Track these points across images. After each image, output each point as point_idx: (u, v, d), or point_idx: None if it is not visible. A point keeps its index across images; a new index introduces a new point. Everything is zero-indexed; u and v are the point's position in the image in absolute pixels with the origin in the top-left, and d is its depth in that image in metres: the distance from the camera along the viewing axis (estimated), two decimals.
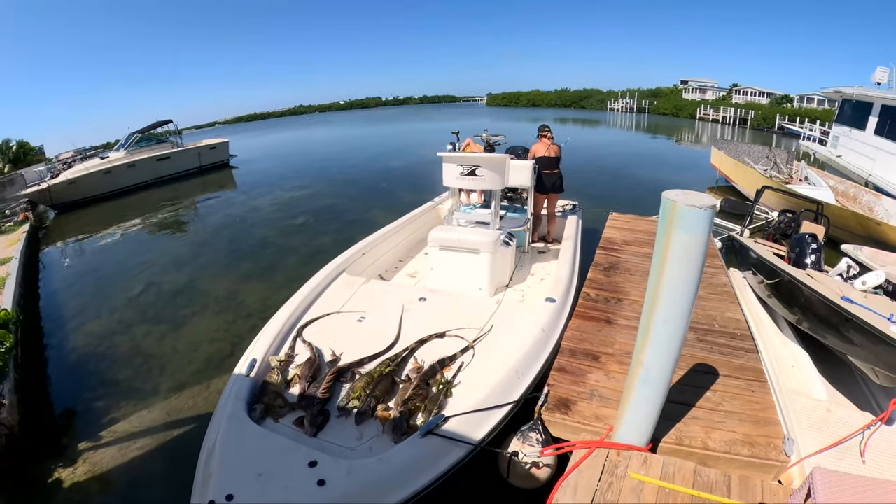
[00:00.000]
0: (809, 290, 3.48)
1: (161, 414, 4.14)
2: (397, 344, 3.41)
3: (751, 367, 3.42)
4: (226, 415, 2.54)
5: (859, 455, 2.66)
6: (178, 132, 19.77)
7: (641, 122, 43.11)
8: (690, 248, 2.04)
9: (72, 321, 6.31)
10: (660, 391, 2.40)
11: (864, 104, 11.55)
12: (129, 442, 3.82)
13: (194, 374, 4.68)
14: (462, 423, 2.49)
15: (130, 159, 16.77)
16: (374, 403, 2.66)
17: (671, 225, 2.03)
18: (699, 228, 2.00)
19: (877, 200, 8.85)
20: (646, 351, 2.33)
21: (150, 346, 5.38)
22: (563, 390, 3.13)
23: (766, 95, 48.39)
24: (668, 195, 2.08)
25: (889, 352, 2.78)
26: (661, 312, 2.21)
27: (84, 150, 20.53)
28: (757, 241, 5.92)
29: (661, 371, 2.34)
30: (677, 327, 2.22)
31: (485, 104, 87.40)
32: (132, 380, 4.73)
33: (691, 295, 2.13)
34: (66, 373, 5.07)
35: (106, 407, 4.30)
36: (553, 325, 3.70)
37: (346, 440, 2.49)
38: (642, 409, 2.49)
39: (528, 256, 5.83)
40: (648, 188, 12.95)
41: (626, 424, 2.58)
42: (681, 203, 1.99)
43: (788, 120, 30.32)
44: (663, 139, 29.72)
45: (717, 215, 9.13)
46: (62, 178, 14.89)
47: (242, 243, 9.31)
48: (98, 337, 5.72)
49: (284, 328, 3.58)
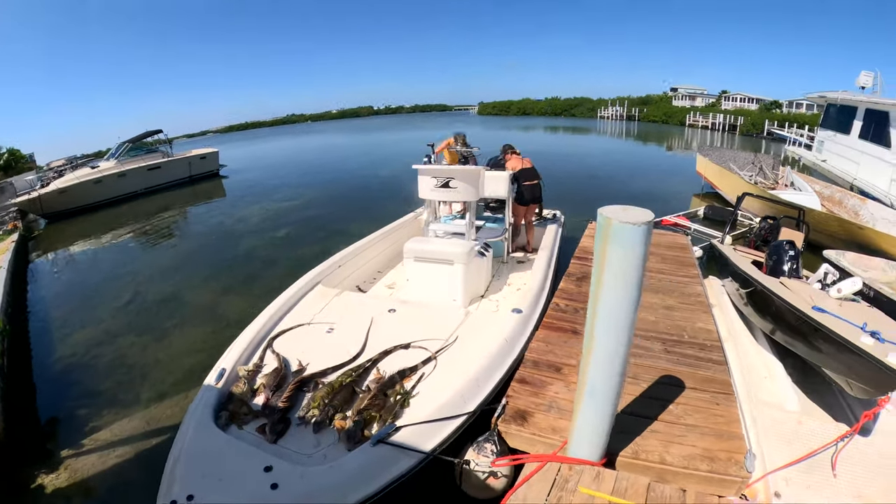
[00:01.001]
0: (780, 300, 3.44)
1: (141, 423, 4.22)
2: (362, 355, 3.48)
3: (718, 380, 3.39)
4: (193, 421, 2.70)
5: (830, 468, 2.61)
6: (168, 141, 19.82)
7: (631, 129, 43.34)
8: (626, 264, 2.05)
9: (58, 331, 6.40)
10: (607, 405, 2.39)
11: (849, 108, 11.60)
12: (110, 450, 3.90)
13: (174, 384, 4.75)
14: (415, 432, 2.58)
15: (121, 169, 16.81)
16: (332, 413, 2.75)
17: (606, 241, 2.06)
18: (634, 244, 2.02)
19: (862, 204, 8.90)
20: (589, 365, 2.33)
21: (134, 356, 5.46)
22: (522, 402, 3.13)
23: (755, 101, 48.74)
24: (604, 211, 2.09)
25: (861, 363, 2.71)
26: (602, 327, 2.23)
27: (75, 158, 20.57)
28: (737, 249, 5.91)
29: (606, 385, 2.34)
30: (619, 342, 2.23)
31: (476, 113, 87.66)
32: (115, 389, 4.82)
33: (630, 310, 2.15)
34: (51, 381, 5.15)
35: (89, 415, 4.39)
36: (517, 335, 3.76)
37: (304, 447, 2.60)
38: (591, 423, 2.49)
39: (506, 266, 5.89)
40: (633, 196, 13.04)
41: (578, 438, 2.57)
42: (615, 219, 2.01)
43: (777, 125, 30.22)
44: (653, 146, 30.02)
45: (700, 222, 9.35)
46: (53, 187, 14.89)
47: (228, 254, 9.39)
48: (83, 346, 5.81)
49: (256, 339, 3.67)
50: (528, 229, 6.52)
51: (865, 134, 10.74)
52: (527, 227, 6.52)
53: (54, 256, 10.91)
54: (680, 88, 59.29)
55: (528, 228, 6.52)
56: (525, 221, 6.47)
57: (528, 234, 6.53)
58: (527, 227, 6.52)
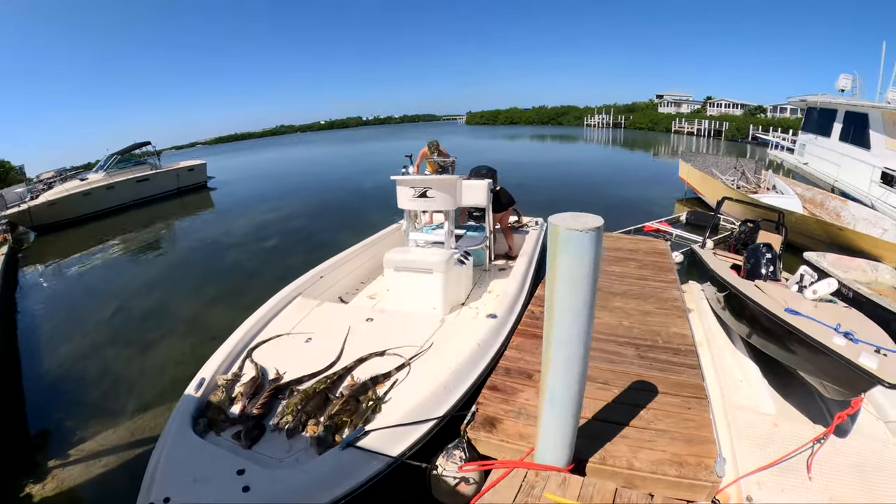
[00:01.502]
0: (754, 304, 3.45)
1: (126, 433, 4.29)
2: (338, 363, 3.55)
3: (690, 384, 3.39)
4: (172, 428, 2.79)
5: (805, 471, 2.61)
6: (156, 153, 19.83)
7: (618, 137, 43.78)
8: (576, 272, 2.05)
9: (47, 343, 6.46)
10: (568, 412, 2.39)
11: (829, 111, 11.70)
12: (95, 459, 3.97)
13: (158, 395, 4.80)
14: (384, 436, 2.65)
15: (109, 181, 16.80)
16: (305, 419, 2.83)
17: (555, 249, 2.06)
18: (583, 251, 2.01)
19: (843, 206, 9.00)
20: (549, 372, 2.34)
21: (119, 368, 5.53)
22: (492, 409, 3.15)
23: (739, 107, 49.37)
24: (553, 219, 2.08)
25: (834, 364, 2.69)
26: (557, 335, 2.23)
27: (64, 170, 20.65)
28: (717, 253, 5.97)
29: (565, 392, 2.33)
30: (575, 348, 2.23)
31: (464, 122, 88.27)
32: (101, 400, 4.89)
33: (585, 317, 2.15)
34: (39, 393, 5.22)
35: (75, 426, 4.45)
36: (491, 340, 3.81)
37: (277, 452, 2.68)
38: (554, 430, 2.49)
39: (488, 274, 5.94)
40: (617, 203, 13.23)
41: (543, 445, 2.57)
42: (562, 227, 1.99)
43: (762, 130, 30.45)
44: (638, 153, 30.38)
45: (682, 228, 9.50)
46: (42, 199, 14.87)
47: (214, 266, 9.46)
48: (71, 359, 5.88)
49: (236, 349, 3.75)
50: (506, 235, 6.56)
51: (846, 136, 10.84)
52: (504, 233, 6.55)
53: (43, 269, 10.90)
54: (665, 95, 59.91)
55: (505, 234, 6.55)
56: (501, 227, 6.49)
57: (507, 240, 6.57)
58: (504, 233, 6.55)
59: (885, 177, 8.81)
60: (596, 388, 3.34)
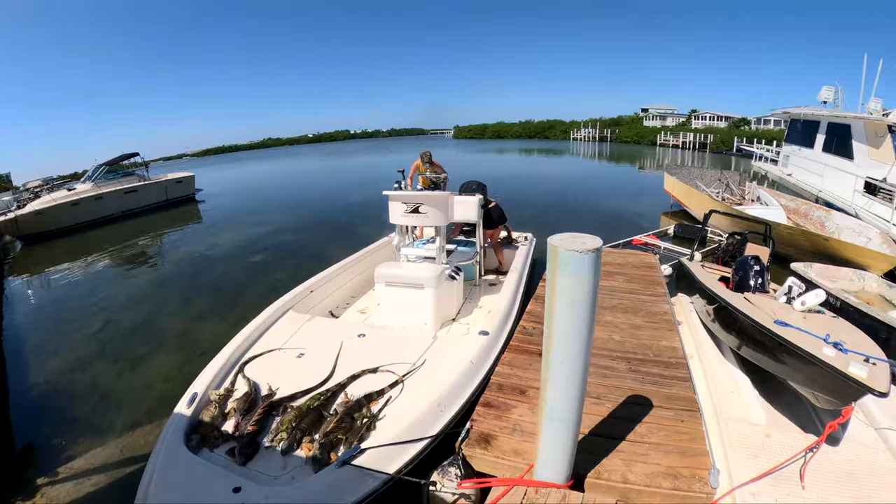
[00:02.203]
0: (744, 316, 3.47)
1: (115, 451, 4.20)
2: (331, 379, 3.56)
3: (682, 397, 3.42)
4: (165, 444, 2.79)
5: (798, 480, 2.63)
6: (144, 165, 19.71)
7: (604, 150, 44.21)
8: (576, 291, 2.07)
9: (34, 356, 6.34)
10: (568, 428, 2.40)
11: (812, 123, 11.90)
12: (85, 478, 3.88)
13: (148, 412, 4.73)
14: (379, 454, 2.66)
15: (97, 192, 16.65)
16: (300, 436, 2.84)
17: (555, 269, 2.09)
18: (582, 271, 2.03)
19: (827, 215, 9.08)
20: (548, 390, 2.35)
21: (108, 383, 5.42)
22: (486, 425, 3.15)
23: (724, 119, 50.23)
24: (552, 240, 2.12)
25: (824, 374, 2.72)
26: (557, 353, 2.25)
27: (51, 179, 20.35)
28: (705, 266, 6.00)
29: (565, 409, 2.35)
30: (575, 366, 2.25)
31: (452, 136, 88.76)
32: (89, 416, 4.79)
33: (585, 335, 2.17)
34: (26, 408, 5.11)
35: (64, 443, 4.36)
36: (484, 357, 3.84)
37: (272, 469, 2.68)
38: (553, 446, 2.49)
39: (478, 289, 5.97)
40: (605, 216, 13.37)
41: (543, 462, 2.55)
42: (561, 248, 2.03)
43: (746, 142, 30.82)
44: (624, 166, 30.75)
45: (670, 241, 9.59)
46: (29, 208, 14.68)
47: (202, 280, 9.35)
48: (58, 373, 5.76)
49: (227, 364, 3.75)
50: (496, 250, 6.56)
51: (829, 147, 11.01)
52: (494, 249, 6.55)
53: (30, 280, 10.74)
54: (650, 108, 60.78)
55: (496, 249, 6.56)
56: (491, 242, 6.51)
57: (497, 255, 6.56)
58: (494, 249, 6.55)
59: (868, 186, 8.92)
60: (590, 402, 3.34)
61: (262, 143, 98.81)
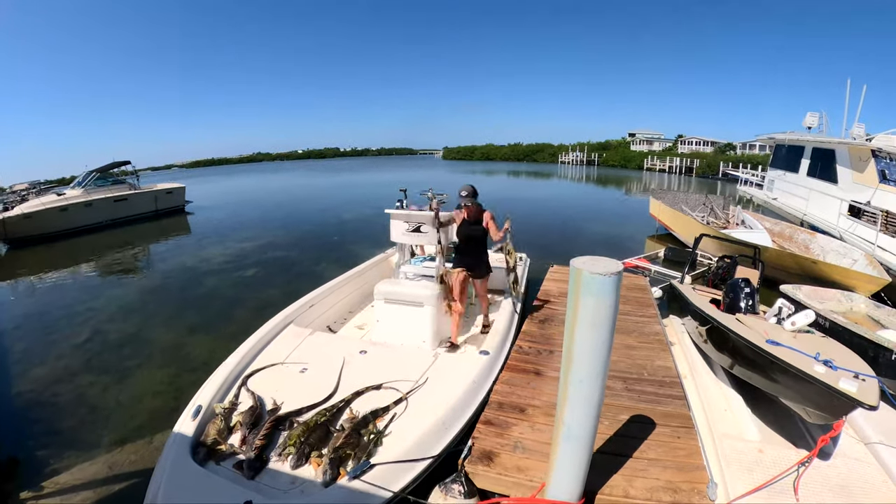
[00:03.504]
0: (736, 336, 3.55)
1: (103, 467, 4.07)
2: (335, 395, 3.60)
3: (678, 414, 3.49)
4: (171, 456, 2.79)
5: (793, 493, 2.71)
6: (135, 173, 19.62)
7: (591, 174, 44.80)
8: (598, 313, 2.13)
9: (16, 364, 6.17)
10: (583, 447, 2.44)
11: (797, 148, 12.13)
12: (72, 493, 3.76)
13: (137, 428, 4.61)
14: (387, 471, 2.70)
15: (87, 198, 16.55)
16: (308, 450, 2.87)
17: (578, 291, 2.14)
18: (605, 293, 2.10)
19: (811, 238, 9.27)
20: (565, 409, 2.38)
21: (95, 396, 5.27)
22: (488, 443, 3.19)
23: (710, 144, 51.28)
24: (575, 263, 2.18)
25: (815, 391, 2.81)
26: (576, 373, 2.29)
27: (38, 183, 20.10)
28: (696, 288, 6.09)
29: (582, 428, 2.39)
30: (593, 386, 2.29)
31: (441, 157, 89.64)
32: (76, 430, 4.64)
33: (604, 355, 2.23)
34: (8, 418, 4.95)
35: (49, 456, 4.22)
36: (485, 377, 3.90)
37: (281, 483, 2.70)
38: (569, 464, 2.52)
39: (474, 308, 5.99)
40: (595, 239, 13.55)
41: (556, 480, 2.60)
42: (585, 270, 2.10)
43: (732, 166, 31.46)
44: (611, 190, 31.17)
45: (660, 264, 9.70)
46: (17, 211, 14.51)
47: (191, 293, 9.24)
48: (43, 383, 5.59)
49: (230, 377, 3.76)
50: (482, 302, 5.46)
51: (813, 171, 11.24)
52: (481, 300, 5.47)
53: (13, 284, 10.57)
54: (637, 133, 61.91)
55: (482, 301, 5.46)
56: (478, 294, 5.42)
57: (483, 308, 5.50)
58: (481, 300, 5.47)
59: (852, 209, 9.15)
60: None
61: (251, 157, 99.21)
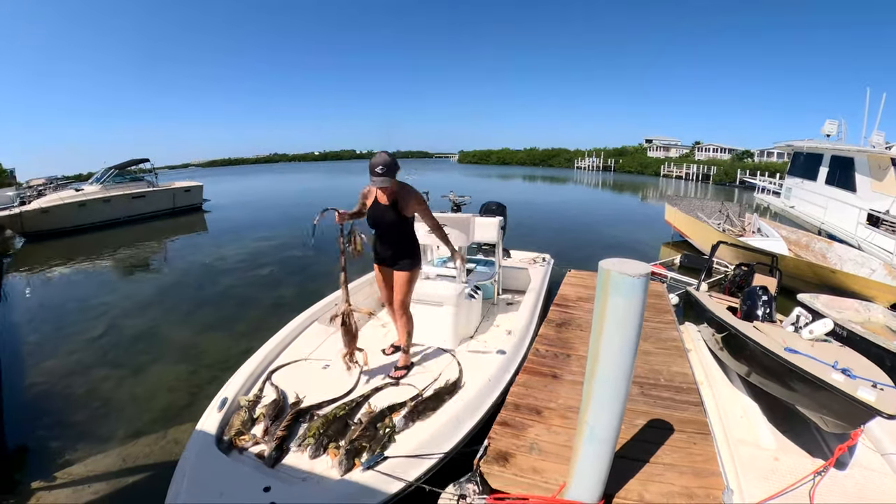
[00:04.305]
0: (754, 343, 3.55)
1: (117, 460, 4.09)
2: (355, 390, 3.69)
3: (694, 420, 3.46)
4: (197, 445, 2.92)
5: (809, 502, 2.72)
6: (153, 171, 19.86)
7: (608, 179, 44.58)
8: (626, 313, 2.16)
9: (30, 356, 6.23)
10: (605, 449, 2.46)
11: (815, 156, 12.03)
12: (84, 486, 3.78)
13: (151, 422, 4.64)
14: (400, 463, 2.78)
15: (106, 194, 16.79)
16: (326, 442, 2.97)
17: (606, 292, 2.17)
18: (633, 294, 2.13)
19: (828, 247, 9.18)
20: (589, 411, 2.39)
21: (108, 390, 5.30)
22: (504, 443, 3.20)
23: (727, 151, 50.85)
24: (604, 264, 2.21)
25: (833, 399, 2.81)
26: (602, 374, 2.30)
27: (55, 179, 20.42)
28: (712, 296, 6.06)
29: (605, 430, 2.40)
30: (618, 387, 2.31)
31: (457, 161, 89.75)
32: (88, 423, 4.67)
33: (630, 356, 2.24)
34: (20, 408, 4.99)
35: (61, 448, 4.26)
36: (500, 376, 3.92)
37: (299, 472, 2.79)
38: (592, 466, 2.53)
39: (496, 308, 6.02)
40: (612, 244, 13.51)
41: (577, 482, 2.62)
42: (614, 271, 2.13)
43: (749, 174, 31.25)
44: (627, 196, 31.00)
45: (676, 271, 9.60)
46: (35, 205, 14.76)
47: (207, 291, 9.28)
48: (56, 375, 5.64)
49: (256, 371, 3.87)
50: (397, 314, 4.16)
51: (832, 180, 11.13)
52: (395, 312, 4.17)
53: (30, 278, 10.73)
54: (654, 140, 61.55)
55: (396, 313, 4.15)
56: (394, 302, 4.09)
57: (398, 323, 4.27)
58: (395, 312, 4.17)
59: (871, 218, 9.06)
60: None
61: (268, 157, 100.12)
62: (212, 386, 5.13)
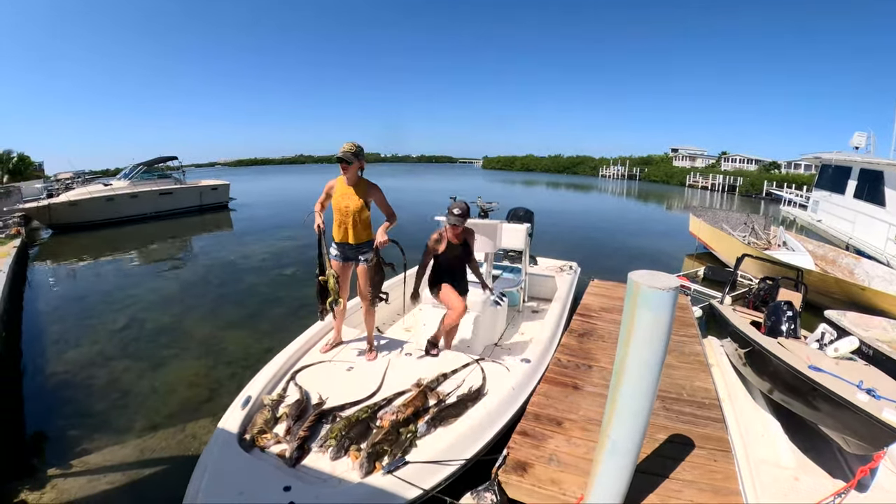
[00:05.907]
0: (777, 360, 3.51)
1: (134, 451, 4.10)
2: (378, 393, 3.66)
3: (715, 437, 3.42)
4: (219, 441, 2.94)
5: None
6: (181, 168, 20.21)
7: (633, 188, 44.14)
8: (654, 327, 2.14)
9: (52, 345, 6.33)
10: (627, 463, 2.44)
11: (844, 169, 11.73)
12: (100, 475, 3.79)
13: (170, 416, 4.65)
14: (420, 469, 2.77)
15: (133, 190, 17.13)
16: (348, 444, 2.97)
17: (635, 304, 2.14)
18: (662, 308, 2.10)
19: (856, 263, 8.93)
20: (612, 424, 2.37)
21: (128, 382, 5.33)
22: (523, 453, 3.17)
23: (754, 162, 49.92)
24: (633, 276, 2.19)
25: (857, 420, 2.76)
26: (627, 387, 2.28)
27: (83, 173, 20.90)
28: (736, 310, 5.96)
29: (628, 443, 2.38)
30: (643, 401, 2.28)
31: (480, 167, 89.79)
32: (107, 413, 4.70)
33: (656, 370, 2.22)
34: (41, 396, 5.06)
35: (79, 437, 4.29)
36: (524, 385, 3.89)
37: (320, 472, 2.79)
38: (613, 480, 2.50)
39: (521, 315, 5.99)
40: (636, 253, 13.32)
41: (596, 495, 2.58)
42: (644, 284, 2.11)
43: (776, 186, 30.71)
44: (652, 206, 30.59)
45: (700, 283, 9.40)
46: (64, 198, 15.13)
47: (231, 288, 9.34)
48: (77, 365, 5.71)
49: (280, 371, 3.90)
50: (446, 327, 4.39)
51: (860, 193, 10.87)
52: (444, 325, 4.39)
53: (55, 269, 10.97)
54: (680, 149, 60.74)
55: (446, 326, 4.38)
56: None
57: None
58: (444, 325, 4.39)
59: None
60: None
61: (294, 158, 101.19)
62: (232, 382, 5.17)
